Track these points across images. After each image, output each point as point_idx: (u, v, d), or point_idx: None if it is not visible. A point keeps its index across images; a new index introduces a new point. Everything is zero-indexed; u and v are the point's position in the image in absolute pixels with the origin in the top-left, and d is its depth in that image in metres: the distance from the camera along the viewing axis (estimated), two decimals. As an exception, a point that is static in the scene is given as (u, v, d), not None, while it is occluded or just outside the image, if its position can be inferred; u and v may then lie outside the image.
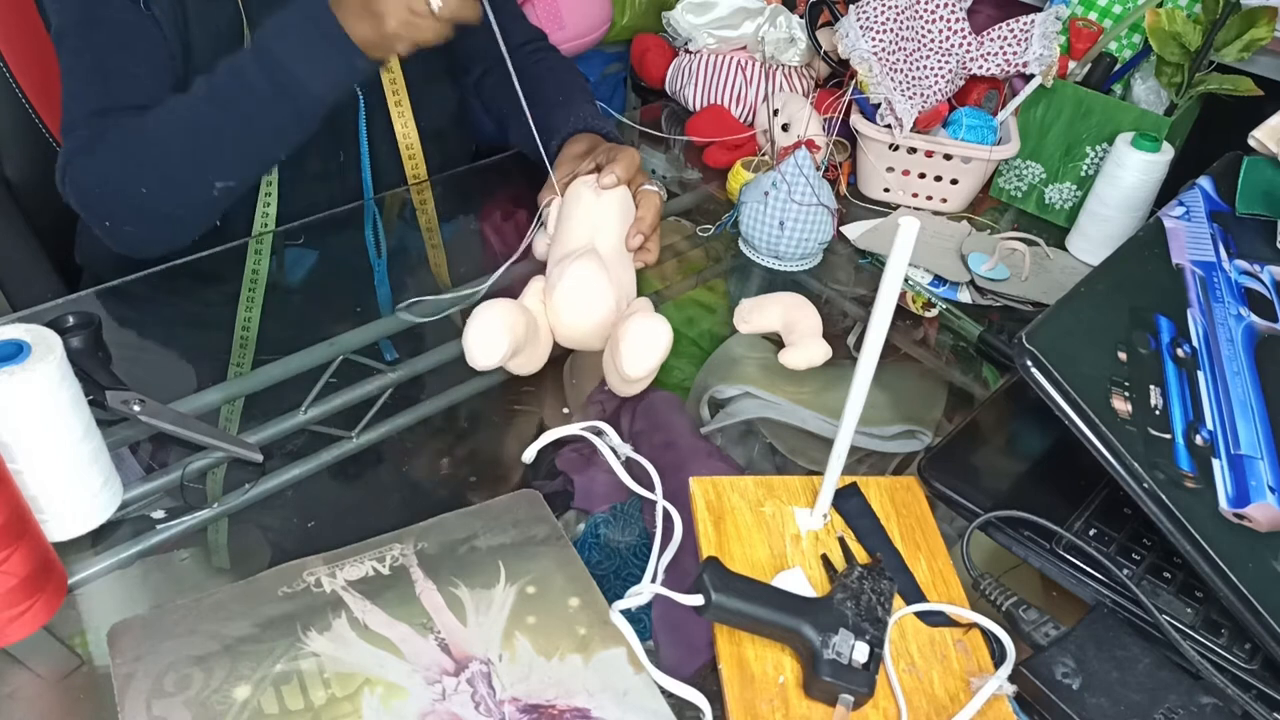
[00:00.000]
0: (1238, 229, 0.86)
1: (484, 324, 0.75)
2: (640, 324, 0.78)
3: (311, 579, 0.64)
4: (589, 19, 1.41)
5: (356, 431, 0.78)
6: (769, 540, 0.70)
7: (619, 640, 0.62)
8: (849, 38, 1.10)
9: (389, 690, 0.58)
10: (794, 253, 0.99)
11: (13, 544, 0.57)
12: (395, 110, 1.04)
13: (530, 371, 0.83)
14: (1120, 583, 0.66)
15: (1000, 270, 1.02)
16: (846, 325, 0.97)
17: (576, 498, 0.74)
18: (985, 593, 0.66)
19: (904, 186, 1.15)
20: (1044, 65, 1.08)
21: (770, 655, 0.62)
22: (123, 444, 0.75)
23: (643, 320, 0.78)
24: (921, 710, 0.60)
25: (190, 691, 0.57)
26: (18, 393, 0.59)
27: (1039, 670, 0.60)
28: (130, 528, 0.69)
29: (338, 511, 0.72)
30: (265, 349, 0.85)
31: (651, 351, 0.77)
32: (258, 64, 0.85)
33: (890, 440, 0.83)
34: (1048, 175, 1.15)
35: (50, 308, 0.88)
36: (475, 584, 0.64)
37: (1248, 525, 0.64)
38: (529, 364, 0.82)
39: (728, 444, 0.81)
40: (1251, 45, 1.03)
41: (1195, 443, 0.67)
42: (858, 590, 0.63)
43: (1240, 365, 0.73)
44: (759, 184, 0.98)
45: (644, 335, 0.77)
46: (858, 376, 0.61)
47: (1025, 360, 0.64)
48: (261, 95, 0.85)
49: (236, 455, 0.73)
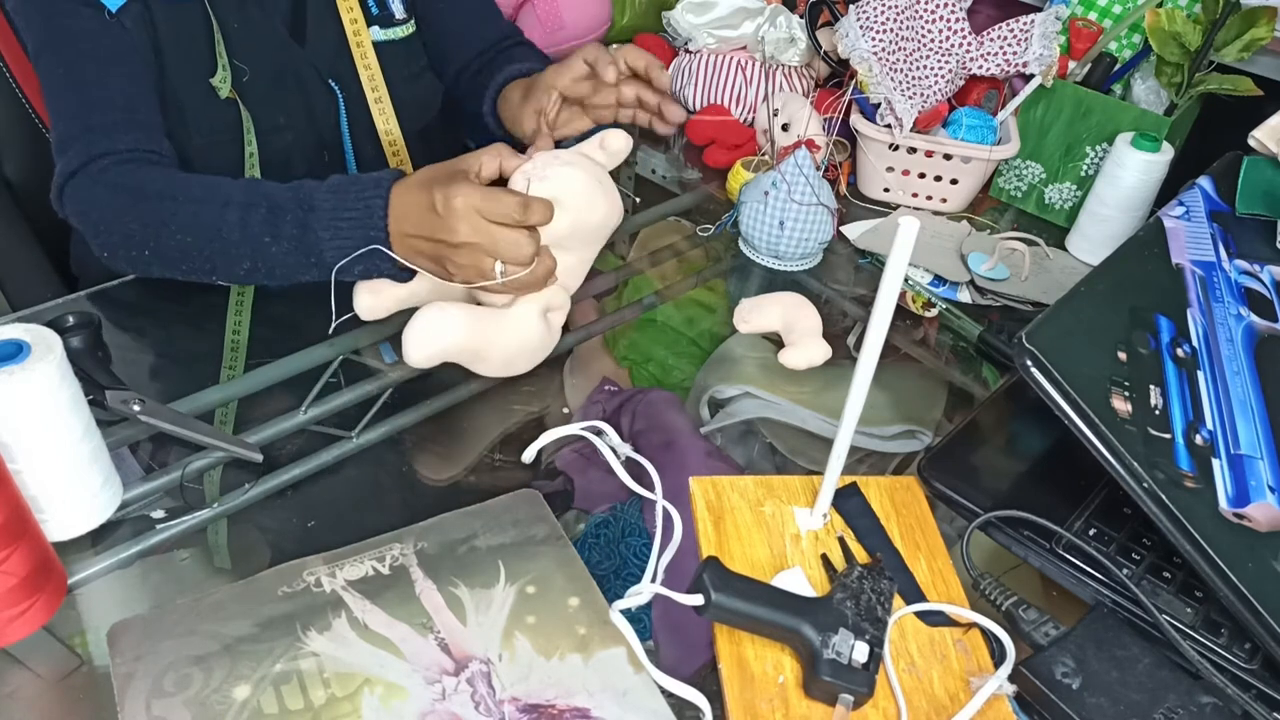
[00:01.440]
0: (1238, 229, 0.86)
1: (420, 326, 0.75)
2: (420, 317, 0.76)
3: (311, 579, 0.64)
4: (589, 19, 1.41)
5: (356, 431, 0.78)
6: (769, 540, 0.70)
7: (619, 640, 0.62)
8: (849, 38, 1.10)
9: (389, 690, 0.58)
10: (794, 253, 0.99)
11: (13, 544, 0.57)
12: (376, 108, 1.04)
13: (518, 372, 0.83)
14: (1120, 583, 0.66)
15: (1000, 270, 1.02)
16: (846, 325, 0.97)
17: (576, 498, 0.74)
18: (985, 593, 0.66)
19: (904, 186, 1.15)
20: (1044, 65, 1.08)
21: (770, 655, 0.62)
22: (123, 444, 0.75)
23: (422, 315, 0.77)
24: (921, 710, 0.60)
25: (190, 691, 0.57)
26: (18, 393, 0.59)
27: (1039, 670, 0.60)
28: (130, 528, 0.69)
29: (338, 511, 0.72)
30: (260, 352, 0.85)
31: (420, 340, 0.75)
32: (297, 220, 0.79)
33: (890, 440, 0.83)
34: (1048, 175, 1.15)
35: (50, 308, 0.88)
36: (475, 584, 0.64)
37: (1248, 525, 0.64)
38: (504, 368, 0.82)
39: (728, 444, 0.81)
40: (1251, 45, 1.03)
41: (1195, 442, 0.67)
42: (858, 590, 0.63)
43: (1240, 365, 0.73)
44: (759, 184, 0.98)
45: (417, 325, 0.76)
46: (858, 376, 0.61)
47: (1025, 360, 0.64)
48: (288, 248, 0.80)
49: (236, 455, 0.73)
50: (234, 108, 0.94)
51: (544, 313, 0.81)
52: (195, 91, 0.92)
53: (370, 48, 1.02)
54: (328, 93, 1.00)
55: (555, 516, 0.70)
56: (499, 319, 0.79)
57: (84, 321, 0.75)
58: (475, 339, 0.77)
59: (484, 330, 0.78)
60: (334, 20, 1.00)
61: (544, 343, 0.82)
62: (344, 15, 1.00)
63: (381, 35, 1.03)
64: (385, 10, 1.04)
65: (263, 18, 0.96)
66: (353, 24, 1.01)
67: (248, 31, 0.95)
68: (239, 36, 0.94)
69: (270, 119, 0.96)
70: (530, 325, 0.80)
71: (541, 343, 0.81)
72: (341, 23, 1.01)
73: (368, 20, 1.02)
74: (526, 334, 0.80)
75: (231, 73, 0.93)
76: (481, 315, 0.78)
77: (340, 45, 1.01)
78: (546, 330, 0.81)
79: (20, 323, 0.63)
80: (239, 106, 0.94)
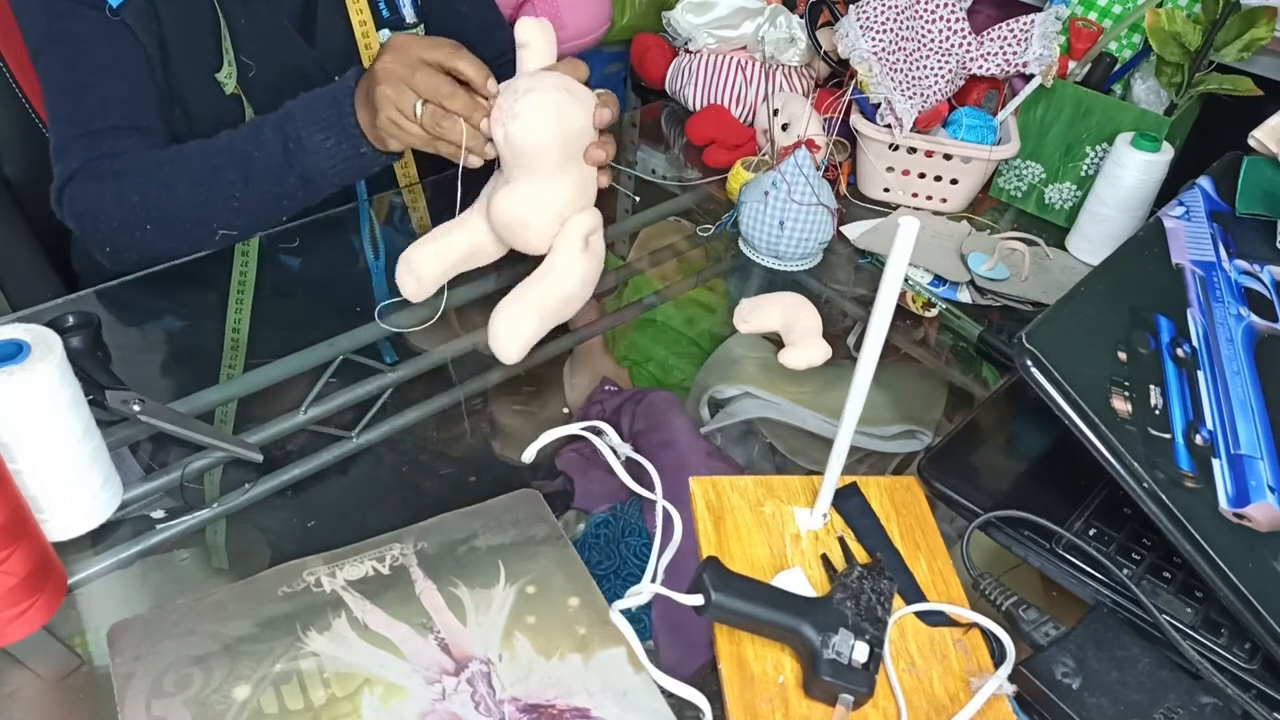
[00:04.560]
0: (1238, 229, 0.86)
1: (501, 334, 0.82)
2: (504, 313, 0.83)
3: (311, 579, 0.64)
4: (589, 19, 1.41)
5: (356, 431, 0.78)
6: (769, 540, 0.70)
7: (619, 640, 0.62)
8: (849, 38, 1.10)
9: (389, 690, 0.58)
10: (794, 253, 0.99)
11: (13, 544, 0.57)
12: None
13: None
14: (1120, 582, 0.66)
15: (1000, 270, 1.02)
16: (846, 325, 0.97)
17: (576, 498, 0.74)
18: (985, 593, 0.66)
19: (904, 186, 1.15)
20: (1044, 65, 1.08)
21: (770, 655, 0.62)
22: (123, 444, 0.75)
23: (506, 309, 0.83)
24: (921, 710, 0.60)
25: (190, 691, 0.57)
26: (18, 393, 0.59)
27: (1039, 670, 0.60)
28: (130, 528, 0.69)
29: (338, 511, 0.72)
30: (260, 351, 0.85)
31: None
32: (276, 122, 0.86)
33: (890, 440, 0.83)
34: (1048, 175, 1.15)
35: (50, 308, 0.88)
36: (475, 584, 0.64)
37: (1248, 525, 0.64)
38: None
39: (728, 444, 0.81)
40: (1251, 45, 1.03)
41: (1195, 442, 0.67)
42: (857, 590, 0.63)
43: (1240, 365, 0.73)
44: (759, 184, 0.98)
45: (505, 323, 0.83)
46: (858, 376, 0.61)
47: (1025, 360, 0.64)
48: (272, 151, 0.85)
49: (236, 455, 0.73)
50: (238, 104, 0.94)
51: (584, 241, 0.84)
52: (200, 87, 0.93)
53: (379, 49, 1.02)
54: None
55: (555, 516, 0.70)
56: (550, 276, 0.84)
57: (84, 321, 0.75)
58: (544, 306, 0.83)
59: (545, 294, 0.83)
60: (344, 21, 1.01)
61: (596, 268, 0.87)
62: (353, 17, 1.01)
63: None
64: (396, 13, 1.04)
65: (270, 15, 0.96)
66: (361, 25, 1.01)
67: (255, 28, 0.95)
68: (246, 33, 0.94)
69: None
70: (577, 261, 0.84)
71: (594, 269, 0.87)
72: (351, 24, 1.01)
73: (378, 23, 1.02)
74: (580, 270, 0.85)
75: (238, 69, 0.93)
76: (535, 284, 0.83)
77: (349, 46, 1.01)
78: (593, 256, 0.86)
79: (20, 323, 0.63)
80: (243, 102, 0.94)
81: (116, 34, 0.88)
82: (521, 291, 0.83)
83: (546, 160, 0.80)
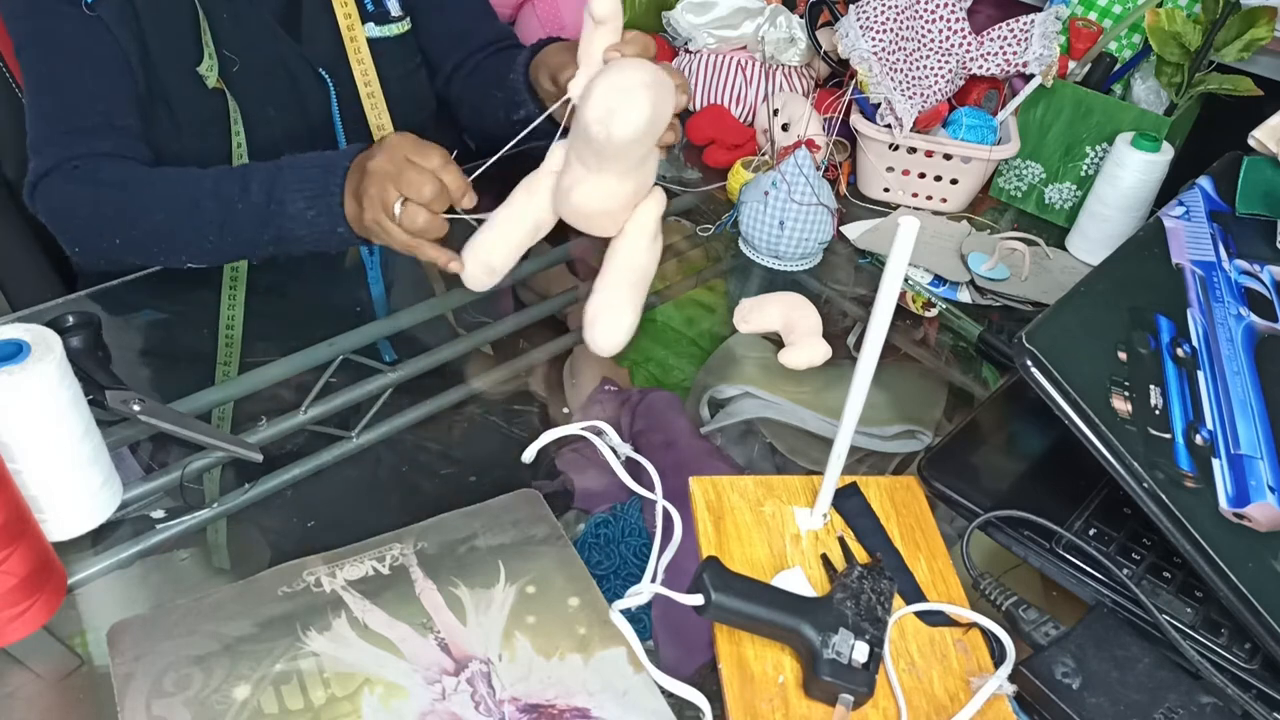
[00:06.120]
0: (1238, 229, 0.86)
1: (600, 329, 0.81)
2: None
3: (311, 579, 0.64)
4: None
5: (356, 431, 0.78)
6: (769, 540, 0.70)
7: (619, 640, 0.62)
8: (849, 38, 1.10)
9: (389, 690, 0.58)
10: (794, 253, 0.99)
11: (13, 544, 0.57)
12: (369, 101, 1.04)
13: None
14: (1120, 582, 0.66)
15: (1000, 270, 1.02)
16: (846, 325, 0.97)
17: (576, 498, 0.74)
18: (985, 592, 0.66)
19: (904, 186, 1.15)
20: (1044, 65, 1.08)
21: (770, 655, 0.62)
22: (123, 444, 0.75)
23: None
24: (921, 710, 0.60)
25: (190, 691, 0.57)
26: (18, 393, 0.59)
27: (1039, 670, 0.60)
28: (130, 528, 0.69)
29: (338, 511, 0.72)
30: (257, 349, 0.85)
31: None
32: (265, 177, 0.84)
33: (890, 440, 0.83)
34: (1047, 175, 1.15)
35: (50, 308, 0.88)
36: (475, 584, 0.64)
37: (1248, 525, 0.64)
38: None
39: (728, 444, 0.81)
40: (1251, 45, 1.03)
41: (1195, 442, 0.67)
42: (857, 590, 0.62)
43: (1240, 365, 0.73)
44: (759, 184, 0.98)
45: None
46: (858, 376, 0.61)
47: (1025, 360, 0.64)
48: (255, 204, 0.84)
49: (236, 455, 0.73)
50: (221, 97, 0.94)
51: (656, 225, 0.83)
52: (182, 81, 0.92)
53: (364, 43, 1.02)
54: (320, 85, 1.00)
55: (555, 516, 0.70)
56: (633, 261, 0.82)
57: (84, 321, 0.75)
58: (634, 292, 0.82)
59: (638, 284, 0.82)
60: (328, 15, 1.00)
61: (659, 244, 0.85)
62: (338, 10, 1.00)
63: (377, 32, 1.03)
64: (381, 7, 1.04)
65: (252, 10, 0.96)
66: (346, 19, 1.01)
67: (237, 22, 0.95)
68: (228, 27, 0.94)
69: (260, 110, 0.96)
70: (657, 249, 0.84)
71: (659, 243, 0.85)
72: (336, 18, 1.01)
73: (363, 17, 1.02)
74: (658, 256, 0.84)
75: (221, 63, 0.93)
76: (624, 273, 0.82)
77: (335, 41, 1.01)
78: (656, 232, 0.84)
79: (20, 323, 0.63)
80: (227, 97, 0.94)
81: (95, 30, 0.88)
82: (613, 282, 0.81)
83: (638, 153, 0.76)
